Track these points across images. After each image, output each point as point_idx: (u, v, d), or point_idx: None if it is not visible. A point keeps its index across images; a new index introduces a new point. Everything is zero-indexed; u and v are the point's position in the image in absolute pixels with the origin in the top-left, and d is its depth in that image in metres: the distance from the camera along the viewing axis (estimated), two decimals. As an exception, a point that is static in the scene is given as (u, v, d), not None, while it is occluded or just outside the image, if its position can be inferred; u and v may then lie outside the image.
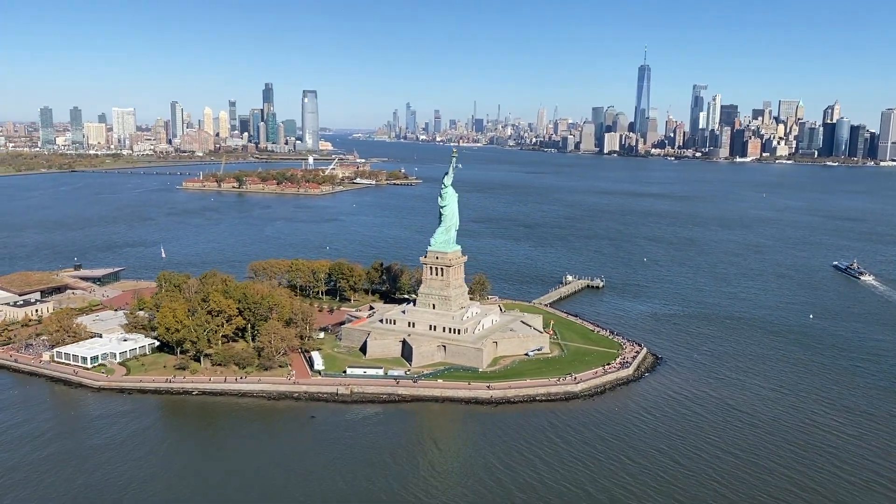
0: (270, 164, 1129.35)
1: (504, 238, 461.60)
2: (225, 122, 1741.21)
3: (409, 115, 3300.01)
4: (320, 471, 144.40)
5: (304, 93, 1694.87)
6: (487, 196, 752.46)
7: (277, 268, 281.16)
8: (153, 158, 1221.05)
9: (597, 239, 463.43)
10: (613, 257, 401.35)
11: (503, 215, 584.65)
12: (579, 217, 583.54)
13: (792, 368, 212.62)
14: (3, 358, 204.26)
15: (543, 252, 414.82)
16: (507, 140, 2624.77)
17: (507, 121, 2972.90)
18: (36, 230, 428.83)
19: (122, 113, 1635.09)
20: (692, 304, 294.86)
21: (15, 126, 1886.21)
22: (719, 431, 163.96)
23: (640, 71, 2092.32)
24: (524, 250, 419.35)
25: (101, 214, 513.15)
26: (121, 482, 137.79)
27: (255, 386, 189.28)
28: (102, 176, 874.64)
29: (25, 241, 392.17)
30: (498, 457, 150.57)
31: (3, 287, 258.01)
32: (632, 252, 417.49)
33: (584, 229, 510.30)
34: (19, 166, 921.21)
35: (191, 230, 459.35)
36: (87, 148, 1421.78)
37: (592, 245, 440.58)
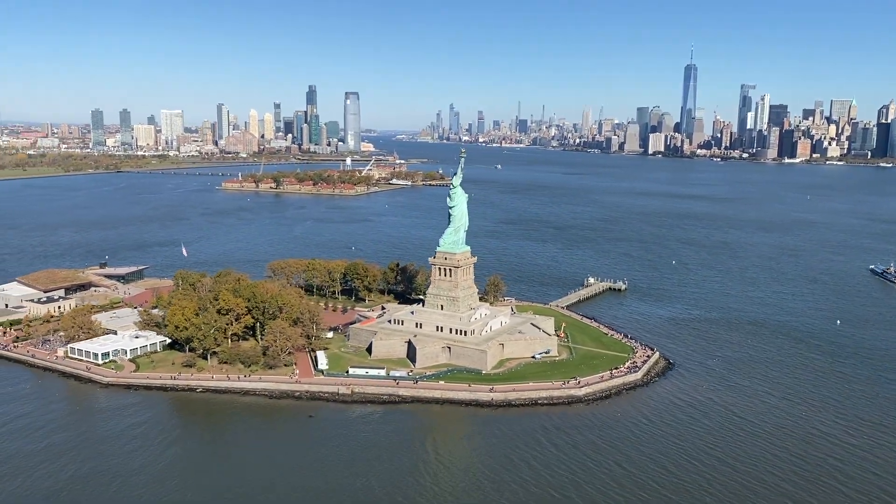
0: (311, 165, 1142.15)
1: (532, 240, 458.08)
2: (270, 124, 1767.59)
3: (453, 116, 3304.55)
4: (308, 468, 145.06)
5: (346, 94, 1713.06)
6: (522, 197, 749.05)
7: (295, 267, 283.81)
8: (198, 159, 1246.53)
9: (627, 241, 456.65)
10: (641, 260, 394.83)
11: (535, 217, 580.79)
12: (613, 219, 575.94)
13: (808, 376, 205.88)
14: (21, 353, 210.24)
15: (570, 254, 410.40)
16: (550, 141, 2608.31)
17: (552, 121, 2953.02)
18: (72, 229, 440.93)
19: (171, 115, 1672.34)
20: (715, 308, 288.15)
21: (70, 128, 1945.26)
22: (719, 440, 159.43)
23: (687, 70, 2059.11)
24: (550, 252, 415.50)
25: (138, 214, 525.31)
26: (108, 474, 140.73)
27: (257, 384, 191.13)
28: (146, 176, 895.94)
29: (60, 239, 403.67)
30: (483, 459, 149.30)
31: (29, 284, 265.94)
32: (661, 255, 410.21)
33: (615, 231, 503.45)
34: (68, 167, 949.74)
35: (222, 230, 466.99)
36: (136, 149, 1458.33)
37: (621, 248, 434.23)
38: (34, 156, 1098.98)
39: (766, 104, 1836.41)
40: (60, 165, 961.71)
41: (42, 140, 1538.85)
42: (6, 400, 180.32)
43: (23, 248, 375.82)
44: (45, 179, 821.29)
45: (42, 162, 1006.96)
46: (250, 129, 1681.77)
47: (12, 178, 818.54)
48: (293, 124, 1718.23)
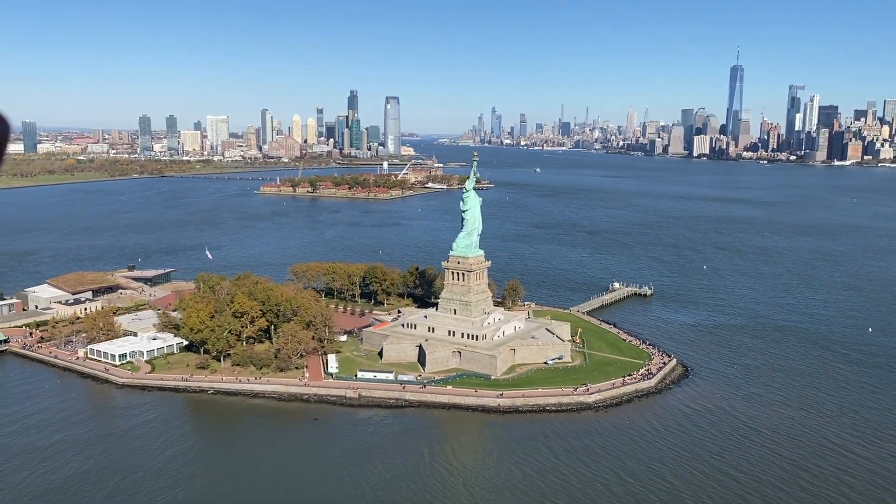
0: (350, 169, 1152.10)
1: (561, 244, 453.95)
2: (313, 129, 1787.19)
3: (495, 120, 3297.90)
4: (305, 469, 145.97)
5: (386, 99, 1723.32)
6: (558, 201, 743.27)
7: (316, 270, 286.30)
8: (240, 164, 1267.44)
9: (660, 246, 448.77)
10: (672, 265, 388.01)
11: (568, 220, 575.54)
12: (649, 223, 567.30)
13: (830, 386, 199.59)
14: (44, 353, 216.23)
15: (598, 259, 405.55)
16: (593, 143, 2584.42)
17: (595, 124, 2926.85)
18: (109, 233, 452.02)
19: (216, 121, 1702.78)
20: (742, 314, 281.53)
21: (120, 134, 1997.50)
22: (724, 451, 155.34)
23: (733, 71, 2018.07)
24: (579, 256, 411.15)
25: (175, 218, 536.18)
26: (109, 471, 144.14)
27: (266, 387, 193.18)
28: (188, 181, 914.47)
29: (97, 243, 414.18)
30: (477, 464, 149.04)
31: (58, 286, 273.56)
32: (693, 260, 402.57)
33: (649, 236, 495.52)
34: (114, 172, 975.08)
35: (255, 234, 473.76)
36: (182, 154, 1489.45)
37: (653, 252, 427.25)
38: (83, 161, 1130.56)
39: (816, 105, 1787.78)
40: (107, 170, 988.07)
41: (92, 146, 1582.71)
42: (25, 398, 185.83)
43: (60, 251, 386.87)
44: (91, 184, 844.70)
45: (90, 167, 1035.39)
46: (293, 135, 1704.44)
47: (60, 183, 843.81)
48: (335, 129, 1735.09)
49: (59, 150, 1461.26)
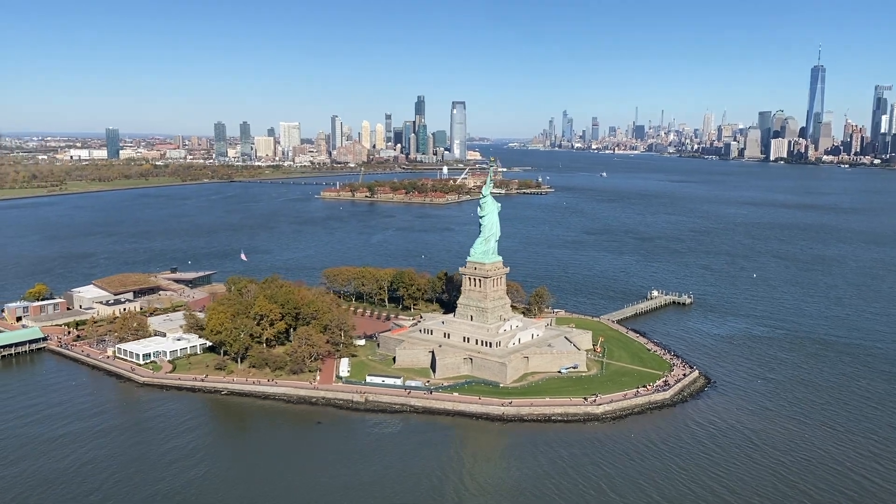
0: (414, 173, 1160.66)
1: (609, 251, 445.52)
2: (381, 135, 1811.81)
3: (566, 123, 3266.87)
4: (288, 471, 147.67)
5: (453, 104, 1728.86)
6: (616, 206, 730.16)
7: (346, 275, 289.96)
8: (308, 169, 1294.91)
9: (713, 254, 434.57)
10: (721, 273, 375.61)
11: (623, 226, 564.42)
12: (708, 230, 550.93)
13: (859, 403, 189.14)
14: (77, 351, 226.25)
15: (644, 266, 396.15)
16: (666, 147, 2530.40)
17: (670, 127, 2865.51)
18: (166, 236, 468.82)
19: (288, 127, 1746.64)
20: (782, 326, 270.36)
21: (199, 140, 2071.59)
22: (723, 470, 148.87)
23: (814, 72, 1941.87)
24: (624, 263, 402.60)
25: (232, 222, 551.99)
26: (104, 462, 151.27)
27: (277, 389, 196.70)
28: (255, 186, 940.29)
29: (152, 246, 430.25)
30: (457, 472, 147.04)
31: (102, 287, 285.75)
32: (745, 268, 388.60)
33: (705, 243, 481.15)
34: (186, 177, 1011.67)
35: (304, 238, 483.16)
36: (255, 159, 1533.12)
37: (704, 260, 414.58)
38: (160, 166, 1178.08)
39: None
40: (179, 175, 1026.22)
41: (171, 151, 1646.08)
42: (50, 391, 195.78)
43: (116, 253, 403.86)
44: (162, 188, 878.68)
45: (165, 172, 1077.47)
46: (362, 140, 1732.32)
47: (135, 188, 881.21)
48: (402, 134, 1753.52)
49: (140, 155, 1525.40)
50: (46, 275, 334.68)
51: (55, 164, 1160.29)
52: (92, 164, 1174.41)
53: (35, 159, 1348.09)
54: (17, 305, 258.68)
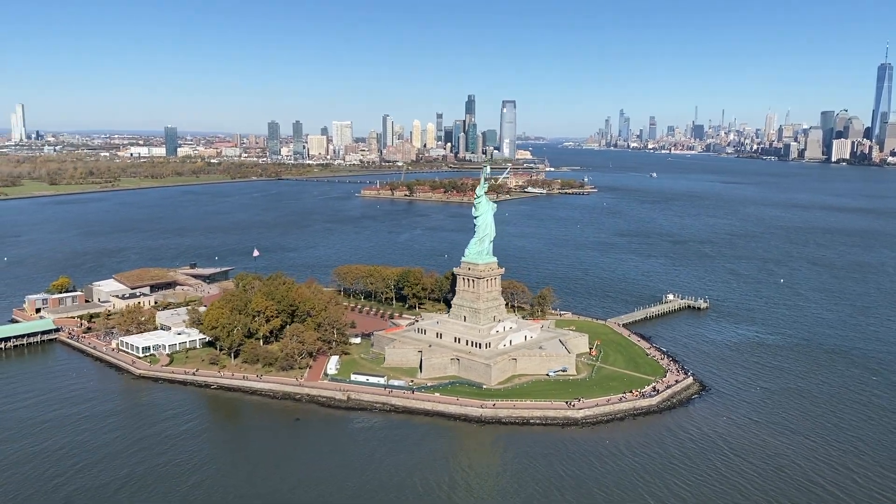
0: (460, 172, 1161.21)
1: (637, 253, 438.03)
2: (431, 134, 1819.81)
3: (623, 122, 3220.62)
4: (255, 467, 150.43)
5: (503, 103, 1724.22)
6: (658, 207, 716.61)
7: (356, 273, 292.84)
8: (357, 168, 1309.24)
9: (745, 259, 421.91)
10: (747, 278, 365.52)
11: (658, 229, 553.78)
12: (747, 234, 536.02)
13: (856, 418, 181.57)
14: (84, 343, 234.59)
15: (668, 269, 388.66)
16: (724, 147, 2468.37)
17: (730, 127, 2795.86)
18: (199, 233, 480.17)
19: (341, 126, 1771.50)
20: (798, 334, 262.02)
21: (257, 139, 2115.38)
22: (687, 484, 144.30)
23: (880, 70, 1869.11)
24: (649, 266, 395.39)
25: (266, 220, 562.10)
26: (80, 447, 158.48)
27: (263, 385, 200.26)
28: (300, 184, 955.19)
29: (184, 242, 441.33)
30: (410, 473, 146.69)
31: (120, 281, 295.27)
32: (773, 274, 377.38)
33: (739, 247, 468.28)
34: (235, 175, 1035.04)
35: (333, 236, 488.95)
36: (307, 158, 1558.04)
37: (733, 264, 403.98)
38: (213, 164, 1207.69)
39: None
40: (229, 173, 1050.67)
41: (227, 149, 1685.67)
42: (48, 379, 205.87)
43: (146, 248, 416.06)
44: (209, 186, 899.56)
45: (217, 170, 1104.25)
46: (413, 139, 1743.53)
47: (182, 185, 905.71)
48: (452, 133, 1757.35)
49: (197, 153, 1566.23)
50: (77, 269, 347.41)
51: (113, 161, 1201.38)
52: (148, 162, 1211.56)
53: (97, 156, 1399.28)
54: (36, 297, 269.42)
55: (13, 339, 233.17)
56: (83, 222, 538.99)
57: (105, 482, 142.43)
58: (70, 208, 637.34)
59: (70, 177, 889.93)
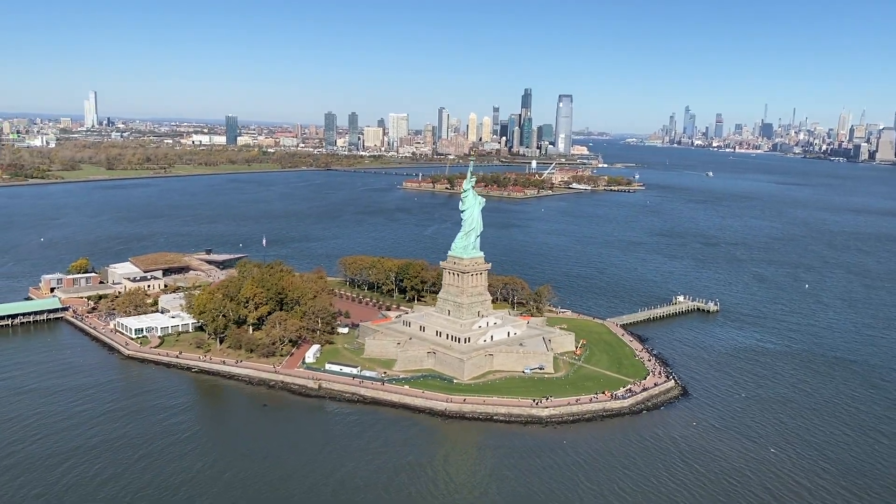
0: (510, 167, 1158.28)
1: (663, 253, 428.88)
2: (487, 127, 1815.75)
3: (688, 120, 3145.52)
4: (214, 450, 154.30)
5: (559, 97, 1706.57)
6: (704, 208, 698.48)
7: (360, 264, 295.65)
8: (407, 160, 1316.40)
9: (775, 264, 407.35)
10: (770, 283, 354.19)
11: (695, 229, 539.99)
12: (788, 237, 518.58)
13: (837, 431, 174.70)
14: (86, 324, 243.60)
15: (690, 271, 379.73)
16: (792, 147, 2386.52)
17: (801, 126, 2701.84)
18: (231, 220, 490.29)
19: (397, 118, 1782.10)
20: (803, 341, 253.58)
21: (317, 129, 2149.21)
22: (636, 486, 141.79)
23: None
24: (670, 268, 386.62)
25: (301, 210, 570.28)
26: (52, 416, 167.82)
27: (241, 370, 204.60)
28: (346, 175, 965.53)
29: (214, 229, 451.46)
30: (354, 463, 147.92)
31: (135, 264, 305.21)
32: (800, 279, 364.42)
33: (775, 251, 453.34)
34: (286, 164, 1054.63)
35: (361, 228, 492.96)
36: (362, 149, 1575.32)
37: (760, 269, 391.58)
38: (268, 153, 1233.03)
39: None
40: (278, 162, 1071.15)
41: (285, 139, 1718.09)
42: (42, 353, 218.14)
43: (174, 234, 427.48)
44: (257, 175, 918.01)
45: (269, 159, 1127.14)
46: (469, 132, 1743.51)
47: (232, 173, 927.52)
48: (507, 127, 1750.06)
49: (256, 142, 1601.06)
50: (104, 252, 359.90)
51: (172, 149, 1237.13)
52: (205, 150, 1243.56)
53: (161, 143, 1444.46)
54: (52, 277, 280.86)
55: (20, 317, 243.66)
56: (123, 207, 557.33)
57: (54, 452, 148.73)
58: (116, 193, 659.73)
59: (127, 162, 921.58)
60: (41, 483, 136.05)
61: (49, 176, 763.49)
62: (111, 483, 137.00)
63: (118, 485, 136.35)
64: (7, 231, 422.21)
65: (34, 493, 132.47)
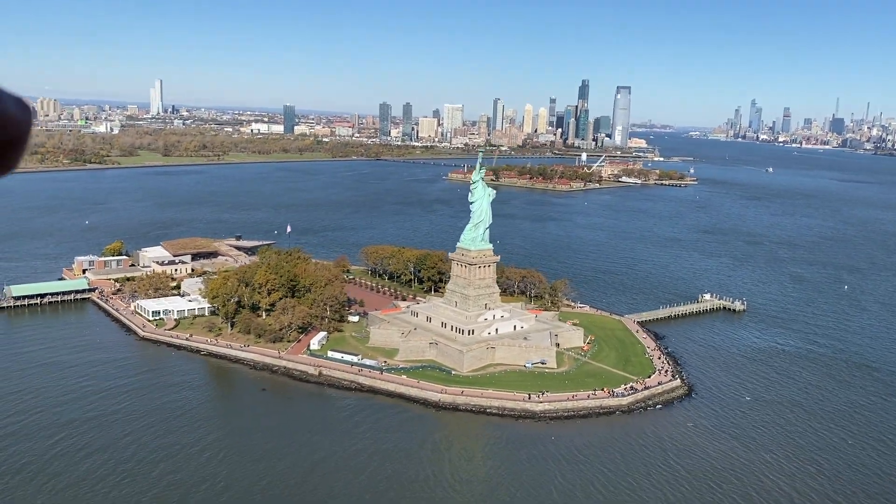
0: (563, 159, 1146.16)
1: (699, 251, 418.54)
2: (544, 119, 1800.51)
3: (754, 113, 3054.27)
4: (195, 423, 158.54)
5: (617, 89, 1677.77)
6: (755, 205, 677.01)
7: (381, 254, 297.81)
8: (459, 151, 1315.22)
9: (819, 265, 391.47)
10: (808, 284, 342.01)
11: (741, 227, 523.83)
12: (837, 237, 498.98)
13: (838, 437, 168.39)
14: (109, 305, 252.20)
15: (723, 269, 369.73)
16: (862, 143, 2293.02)
17: (875, 121, 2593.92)
18: (269, 208, 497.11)
19: (452, 109, 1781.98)
20: (829, 344, 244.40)
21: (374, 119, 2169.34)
22: (611, 489, 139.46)
23: None
24: (703, 265, 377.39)
25: (341, 199, 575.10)
26: (55, 390, 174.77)
27: (246, 354, 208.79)
28: (395, 165, 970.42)
29: (251, 217, 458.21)
30: (335, 452, 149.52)
31: (166, 248, 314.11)
32: (841, 281, 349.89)
33: (820, 251, 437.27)
34: (336, 153, 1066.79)
35: (397, 218, 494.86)
36: (416, 140, 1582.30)
37: (801, 269, 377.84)
38: (322, 142, 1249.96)
39: None
40: (329, 151, 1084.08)
41: (341, 129, 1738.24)
42: (63, 330, 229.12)
43: (212, 220, 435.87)
44: (307, 164, 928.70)
45: (323, 148, 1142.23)
46: (524, 123, 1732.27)
47: (283, 161, 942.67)
48: (563, 119, 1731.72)
49: (312, 132, 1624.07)
50: (143, 237, 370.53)
51: (229, 137, 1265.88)
52: (261, 138, 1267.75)
53: (221, 131, 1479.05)
54: (84, 259, 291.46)
55: (49, 296, 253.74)
56: (169, 192, 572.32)
57: (51, 423, 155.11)
58: (166, 179, 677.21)
59: (184, 149, 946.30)
60: (30, 453, 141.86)
61: (107, 161, 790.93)
62: (95, 455, 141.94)
63: (102, 458, 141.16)
64: (55, 214, 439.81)
65: (22, 463, 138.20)
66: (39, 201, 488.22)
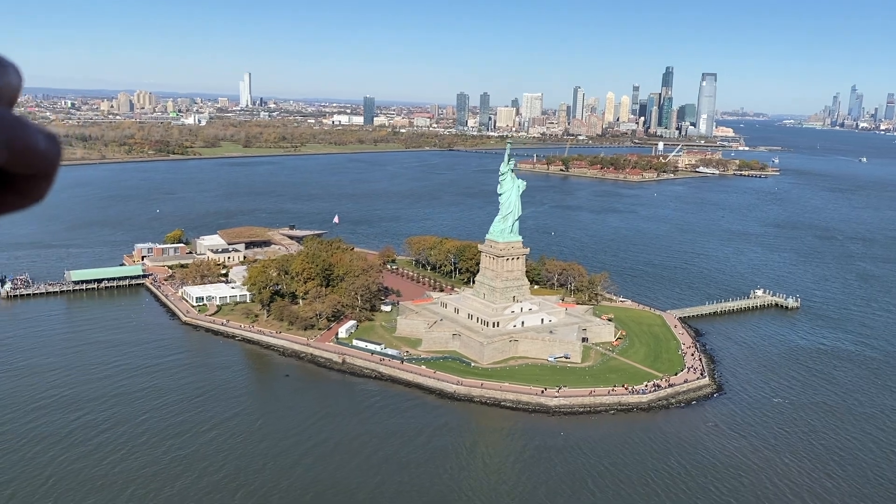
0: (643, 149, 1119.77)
1: (764, 246, 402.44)
2: (626, 107, 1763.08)
3: (854, 100, 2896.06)
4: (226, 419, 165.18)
5: (702, 76, 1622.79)
6: (838, 197, 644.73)
7: (423, 244, 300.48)
8: (534, 141, 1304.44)
9: (891, 263, 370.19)
10: (876, 281, 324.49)
11: (817, 221, 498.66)
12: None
13: (864, 442, 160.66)
14: (160, 291, 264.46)
15: (785, 264, 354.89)
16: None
17: None
18: (331, 199, 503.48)
19: (531, 98, 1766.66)
20: (881, 346, 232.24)
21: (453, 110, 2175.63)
22: (613, 487, 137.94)
23: None
24: (764, 260, 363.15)
25: (403, 190, 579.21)
26: (103, 365, 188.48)
27: (277, 341, 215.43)
28: (466, 155, 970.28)
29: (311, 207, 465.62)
30: (341, 440, 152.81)
31: (222, 236, 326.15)
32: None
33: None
34: (410, 144, 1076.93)
35: (455, 208, 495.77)
36: (494, 129, 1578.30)
37: (872, 266, 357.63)
38: (399, 133, 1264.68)
39: None
40: (403, 142, 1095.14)
41: (419, 120, 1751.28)
42: (115, 311, 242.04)
43: (276, 210, 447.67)
44: (379, 154, 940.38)
45: (396, 139, 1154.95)
46: (606, 112, 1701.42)
47: (356, 152, 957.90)
48: (646, 107, 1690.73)
49: (391, 123, 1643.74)
50: (205, 226, 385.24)
51: (310, 128, 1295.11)
52: (339, 129, 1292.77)
53: (304, 123, 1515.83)
54: (143, 246, 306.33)
55: (106, 281, 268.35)
56: (240, 182, 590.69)
57: (77, 399, 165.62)
58: (241, 169, 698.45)
59: (264, 140, 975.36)
60: (52, 426, 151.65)
61: (189, 152, 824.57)
62: (112, 430, 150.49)
63: (117, 432, 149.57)
64: (128, 202, 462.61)
65: (40, 433, 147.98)
66: (118, 191, 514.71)
